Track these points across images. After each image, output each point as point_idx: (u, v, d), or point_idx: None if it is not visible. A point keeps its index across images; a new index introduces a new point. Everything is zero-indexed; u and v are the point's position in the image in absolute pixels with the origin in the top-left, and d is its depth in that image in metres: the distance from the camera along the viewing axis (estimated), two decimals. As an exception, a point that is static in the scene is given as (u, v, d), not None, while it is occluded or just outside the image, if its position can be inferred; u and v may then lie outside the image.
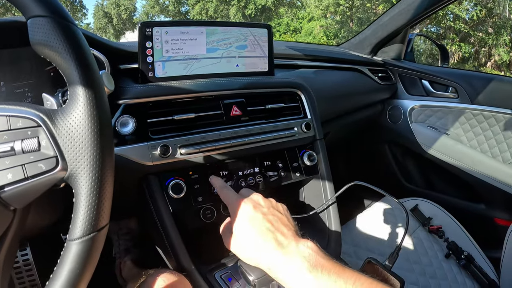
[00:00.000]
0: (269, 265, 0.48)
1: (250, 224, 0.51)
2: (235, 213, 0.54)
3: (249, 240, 0.50)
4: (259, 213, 0.52)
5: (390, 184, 1.63)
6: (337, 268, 0.45)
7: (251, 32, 0.81)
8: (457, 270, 0.99)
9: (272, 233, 0.49)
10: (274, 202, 0.57)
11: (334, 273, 0.44)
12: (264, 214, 0.53)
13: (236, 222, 0.53)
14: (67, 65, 0.37)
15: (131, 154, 0.64)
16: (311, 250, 0.47)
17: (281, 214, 0.54)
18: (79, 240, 0.37)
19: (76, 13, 26.09)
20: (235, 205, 0.55)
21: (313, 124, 0.87)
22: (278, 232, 0.50)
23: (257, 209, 0.53)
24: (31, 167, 0.36)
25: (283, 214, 0.55)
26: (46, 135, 0.37)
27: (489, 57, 14.94)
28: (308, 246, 0.48)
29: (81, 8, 26.95)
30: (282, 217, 0.53)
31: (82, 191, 0.37)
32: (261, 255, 0.49)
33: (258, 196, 0.57)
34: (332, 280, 0.43)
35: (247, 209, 0.53)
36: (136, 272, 1.06)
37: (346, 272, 0.45)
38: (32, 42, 0.37)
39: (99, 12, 27.30)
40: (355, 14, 18.64)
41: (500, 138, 1.29)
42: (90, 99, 0.37)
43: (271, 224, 0.51)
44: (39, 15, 0.37)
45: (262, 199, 0.57)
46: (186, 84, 0.73)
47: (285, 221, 0.53)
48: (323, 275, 0.44)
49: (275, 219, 0.52)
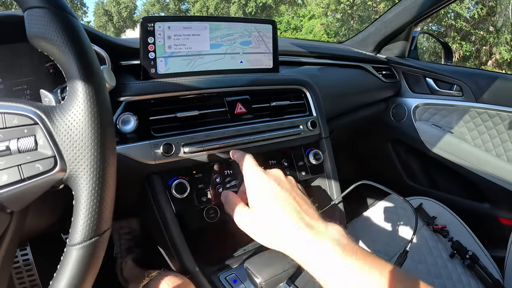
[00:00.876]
0: (295, 248, 0.43)
1: (274, 200, 0.45)
2: (254, 184, 0.48)
3: (273, 218, 0.44)
4: (284, 190, 0.46)
5: (394, 183, 1.62)
6: (371, 256, 0.41)
7: (256, 28, 0.80)
8: (461, 270, 0.98)
9: (299, 213, 0.44)
10: (294, 181, 0.51)
11: (369, 262, 0.40)
12: (290, 192, 0.47)
13: (256, 195, 0.47)
14: (65, 58, 0.35)
15: (132, 153, 0.62)
16: (342, 235, 0.42)
17: (304, 195, 0.48)
18: (80, 245, 0.35)
19: (76, 11, 26.02)
20: (255, 177, 0.48)
21: (318, 122, 0.85)
22: (304, 212, 0.44)
23: (282, 186, 0.47)
24: (27, 167, 0.34)
25: (305, 194, 0.49)
26: (44, 133, 0.35)
27: (490, 55, 14.93)
28: (338, 230, 0.43)
29: (81, 6, 26.89)
30: (306, 199, 0.48)
31: (82, 194, 0.35)
32: (285, 237, 0.43)
33: (280, 172, 0.51)
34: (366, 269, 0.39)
35: (270, 184, 0.47)
36: (137, 272, 1.05)
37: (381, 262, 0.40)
38: (29, 35, 0.36)
39: (99, 10, 27.25)
40: (356, 12, 18.61)
41: (505, 137, 1.28)
42: (90, 95, 0.35)
43: (297, 203, 0.45)
44: (36, 6, 0.35)
45: (283, 175, 0.50)
46: (189, 81, 0.72)
47: (309, 203, 0.47)
48: (358, 262, 0.39)
49: (300, 198, 0.46)
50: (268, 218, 0.45)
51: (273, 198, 0.46)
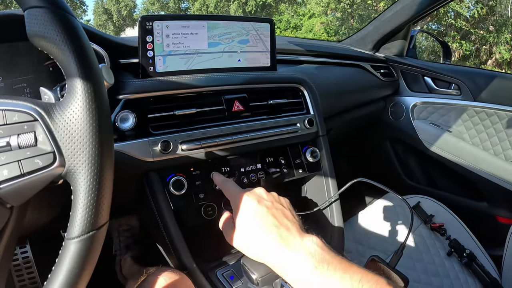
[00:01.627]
0: (274, 262, 0.47)
1: (254, 219, 0.50)
2: (238, 207, 0.53)
3: (253, 235, 0.49)
4: (263, 207, 0.51)
5: (392, 181, 1.62)
6: (343, 264, 0.44)
7: (253, 26, 0.80)
8: (459, 268, 0.98)
9: (277, 228, 0.48)
10: (277, 196, 0.56)
11: (340, 269, 0.43)
12: (268, 208, 0.51)
13: (240, 216, 0.52)
14: (64, 57, 0.36)
15: (131, 150, 0.63)
16: (316, 246, 0.46)
17: (284, 208, 0.53)
18: (77, 238, 0.36)
19: (76, 9, 25.96)
20: (237, 199, 0.54)
21: (316, 120, 0.86)
22: (282, 227, 0.49)
23: (261, 203, 0.52)
24: (27, 163, 0.35)
25: (286, 208, 0.54)
26: (43, 129, 0.36)
27: (490, 55, 14.92)
28: (313, 242, 0.46)
29: (81, 4, 26.84)
30: (286, 212, 0.52)
31: (80, 188, 0.36)
32: (265, 251, 0.48)
33: (261, 189, 0.56)
34: (338, 276, 0.43)
35: (250, 203, 0.52)
36: (136, 269, 1.06)
37: (353, 268, 0.44)
38: (29, 34, 0.36)
39: (99, 8, 27.22)
40: (356, 11, 18.59)
41: (503, 136, 1.28)
42: (89, 92, 0.36)
43: (276, 218, 0.50)
44: (36, 6, 0.35)
45: (265, 192, 0.55)
46: (187, 79, 0.72)
47: (289, 216, 0.51)
48: (329, 271, 0.43)
49: (279, 213, 0.51)
50: (250, 234, 0.50)
51: (254, 215, 0.51)
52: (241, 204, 0.53)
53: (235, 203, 0.54)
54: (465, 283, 0.95)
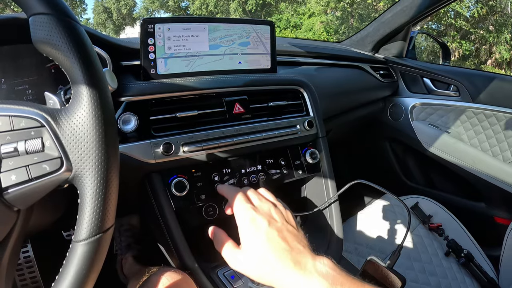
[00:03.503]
0: (285, 286, 0.46)
1: (265, 243, 0.48)
2: (246, 226, 0.50)
3: (265, 261, 0.47)
4: (274, 230, 0.49)
5: (391, 182, 1.63)
6: (356, 284, 0.44)
7: (254, 29, 0.81)
8: (456, 268, 0.99)
9: (289, 252, 0.47)
10: (284, 212, 0.54)
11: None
12: (279, 230, 0.49)
13: (247, 238, 0.49)
14: (70, 64, 0.36)
15: (133, 152, 0.64)
16: (328, 268, 0.45)
17: (294, 229, 0.51)
18: (85, 241, 0.37)
19: (76, 8, 25.90)
20: (245, 216, 0.51)
21: (315, 122, 0.87)
22: (294, 251, 0.47)
23: (272, 225, 0.49)
24: (35, 168, 0.36)
25: (294, 226, 0.52)
26: (50, 135, 0.37)
27: (489, 54, 14.92)
28: (325, 264, 0.46)
29: (81, 3, 26.76)
30: (296, 233, 0.50)
31: (87, 192, 0.37)
32: (279, 278, 0.46)
33: (269, 205, 0.53)
34: None
35: (261, 224, 0.49)
36: (137, 268, 1.07)
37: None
38: (34, 40, 0.37)
39: (98, 7, 27.14)
40: (356, 10, 18.57)
41: (501, 137, 1.29)
42: (94, 99, 0.37)
43: (287, 243, 0.48)
44: (41, 13, 0.36)
45: (274, 210, 0.53)
46: (189, 81, 0.73)
47: (299, 237, 0.50)
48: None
49: (290, 236, 0.49)
50: (259, 259, 0.47)
51: (264, 239, 0.48)
52: (250, 224, 0.50)
53: (242, 221, 0.51)
54: (463, 283, 0.96)
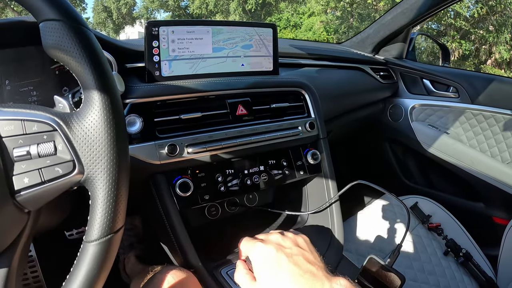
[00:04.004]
0: None
1: (276, 271, 0.47)
2: (257, 258, 0.50)
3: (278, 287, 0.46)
4: (283, 255, 0.48)
5: (390, 182, 1.64)
6: None
7: (257, 31, 0.82)
8: (455, 268, 1.00)
9: (302, 277, 0.46)
10: (293, 237, 0.53)
11: None
12: (289, 255, 0.48)
13: (260, 269, 0.49)
14: (82, 69, 0.37)
15: (138, 153, 0.65)
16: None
17: (305, 252, 0.50)
18: (96, 242, 0.38)
19: (76, 7, 25.55)
20: (254, 251, 0.51)
21: (316, 123, 0.88)
22: (307, 274, 0.46)
23: (280, 251, 0.49)
24: (47, 171, 0.37)
25: (307, 250, 0.51)
26: (62, 139, 0.37)
27: (489, 54, 14.90)
28: (342, 285, 0.45)
29: (80, 2, 26.65)
30: (307, 255, 0.49)
31: (99, 194, 0.38)
32: None
33: (276, 235, 0.53)
34: None
35: (269, 253, 0.49)
36: (140, 268, 1.07)
37: None
38: (45, 46, 0.38)
39: (98, 6, 27.06)
40: (356, 10, 18.53)
41: (500, 138, 1.30)
42: (106, 104, 0.38)
43: (298, 267, 0.47)
44: (52, 19, 0.37)
45: (281, 238, 0.52)
46: (193, 84, 0.74)
47: (311, 260, 0.49)
48: None
49: (301, 259, 0.48)
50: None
51: (276, 268, 0.47)
52: (259, 255, 0.50)
53: (254, 254, 0.51)
54: (461, 282, 0.97)
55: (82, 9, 26.89)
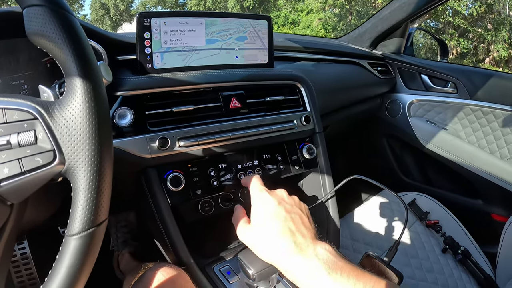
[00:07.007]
0: (287, 267, 0.47)
1: (272, 221, 0.50)
2: (257, 204, 0.53)
3: (268, 238, 0.49)
4: (283, 210, 0.51)
5: (388, 178, 1.63)
6: (356, 271, 0.45)
7: (251, 23, 0.80)
8: (453, 265, 0.99)
9: (292, 234, 0.49)
10: (297, 200, 0.56)
11: (353, 276, 0.44)
12: (288, 211, 0.51)
13: (257, 214, 0.52)
14: (64, 55, 0.36)
15: (129, 146, 0.63)
16: (329, 253, 0.46)
17: (303, 214, 0.53)
18: (78, 235, 0.36)
19: (73, 4, 25.71)
20: (258, 196, 0.54)
21: (312, 117, 0.86)
22: (298, 232, 0.49)
23: (281, 204, 0.52)
24: (28, 161, 0.35)
25: (304, 214, 0.54)
26: (43, 128, 0.36)
27: (487, 53, 14.93)
28: (326, 249, 0.47)
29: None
30: (304, 218, 0.52)
31: (80, 186, 0.36)
32: (278, 256, 0.48)
33: (283, 191, 0.56)
34: (351, 283, 0.43)
35: (271, 202, 0.52)
36: (134, 265, 1.06)
37: (365, 276, 0.45)
38: (28, 32, 0.36)
39: (96, 3, 26.99)
40: (354, 7, 18.53)
41: (498, 134, 1.29)
42: (88, 91, 0.36)
43: (293, 223, 0.50)
44: (35, 4, 0.35)
45: (286, 195, 0.56)
46: (185, 76, 0.72)
47: (306, 222, 0.52)
48: (342, 278, 0.44)
49: (297, 218, 0.51)
50: (265, 237, 0.50)
51: (272, 218, 0.51)
52: (261, 202, 0.53)
53: (255, 199, 0.54)
54: (459, 280, 0.96)
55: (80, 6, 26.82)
